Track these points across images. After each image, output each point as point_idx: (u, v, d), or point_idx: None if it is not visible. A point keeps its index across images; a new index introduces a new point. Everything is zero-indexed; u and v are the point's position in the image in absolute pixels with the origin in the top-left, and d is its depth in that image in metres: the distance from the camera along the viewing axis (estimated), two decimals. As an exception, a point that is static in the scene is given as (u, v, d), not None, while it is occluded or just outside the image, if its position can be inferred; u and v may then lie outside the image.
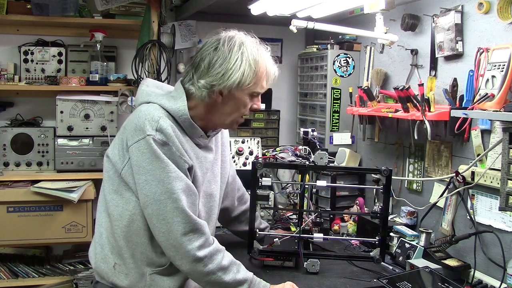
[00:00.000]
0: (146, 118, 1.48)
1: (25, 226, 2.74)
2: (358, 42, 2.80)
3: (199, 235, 1.48)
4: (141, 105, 1.57)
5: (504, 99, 1.64)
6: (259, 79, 1.58)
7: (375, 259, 1.88)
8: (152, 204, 1.46)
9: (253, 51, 1.56)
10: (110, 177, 1.57)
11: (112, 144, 1.61)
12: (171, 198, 1.44)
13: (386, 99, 2.48)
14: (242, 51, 1.53)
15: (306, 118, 3.08)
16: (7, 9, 2.76)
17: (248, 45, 1.56)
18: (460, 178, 1.95)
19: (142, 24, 2.91)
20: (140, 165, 1.46)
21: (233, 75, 1.51)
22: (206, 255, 1.48)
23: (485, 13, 1.88)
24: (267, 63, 1.61)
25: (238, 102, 1.59)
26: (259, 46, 1.60)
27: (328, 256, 1.98)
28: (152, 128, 1.46)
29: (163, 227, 1.46)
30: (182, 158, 1.50)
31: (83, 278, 2.83)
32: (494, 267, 1.81)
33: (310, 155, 1.93)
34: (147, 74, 2.89)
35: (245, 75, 1.52)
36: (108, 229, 1.59)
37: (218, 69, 1.52)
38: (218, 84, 1.52)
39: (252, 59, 1.54)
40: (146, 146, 1.45)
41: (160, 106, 1.53)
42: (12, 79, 2.88)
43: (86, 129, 2.92)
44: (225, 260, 1.53)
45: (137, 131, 1.48)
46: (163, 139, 1.46)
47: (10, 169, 2.87)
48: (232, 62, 1.52)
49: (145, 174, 1.45)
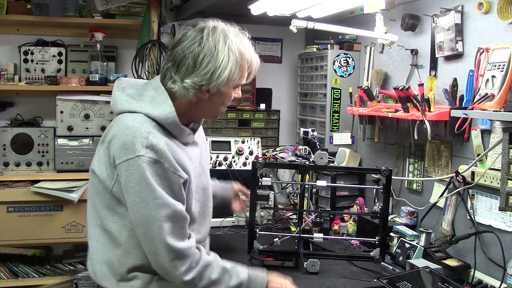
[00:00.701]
0: (135, 135, 1.39)
1: (25, 226, 2.74)
2: (358, 42, 2.80)
3: (183, 260, 1.43)
4: (123, 114, 1.47)
5: (504, 99, 1.64)
6: (244, 71, 1.52)
7: (375, 259, 1.88)
8: (140, 225, 1.42)
9: (237, 43, 1.48)
10: (100, 193, 1.51)
11: (96, 157, 1.51)
12: (155, 224, 1.40)
13: (386, 99, 2.48)
14: (228, 46, 1.45)
15: (306, 118, 3.08)
16: (7, 9, 2.76)
17: (232, 37, 1.47)
18: (460, 178, 1.95)
19: (142, 24, 2.91)
20: (128, 185, 1.40)
21: (222, 73, 1.44)
22: (195, 276, 1.45)
23: (485, 13, 1.88)
24: (251, 54, 1.53)
25: (224, 97, 1.53)
26: (241, 36, 1.51)
27: (328, 256, 1.98)
28: (142, 146, 1.37)
29: (151, 248, 1.43)
30: (176, 173, 1.43)
31: (83, 278, 2.83)
32: (494, 267, 1.81)
33: (310, 155, 1.93)
34: (147, 74, 2.89)
35: (233, 71, 1.46)
36: (106, 245, 1.52)
37: (205, 68, 1.43)
38: (207, 84, 1.45)
39: (238, 52, 1.47)
40: (135, 167, 1.38)
41: (145, 116, 1.44)
42: (12, 79, 2.88)
43: (86, 129, 2.92)
44: (214, 273, 1.49)
45: (125, 149, 1.39)
46: (154, 157, 1.38)
47: (10, 169, 2.87)
48: (220, 59, 1.44)
49: (133, 195, 1.40)
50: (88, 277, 2.83)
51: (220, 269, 1.51)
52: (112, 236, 1.49)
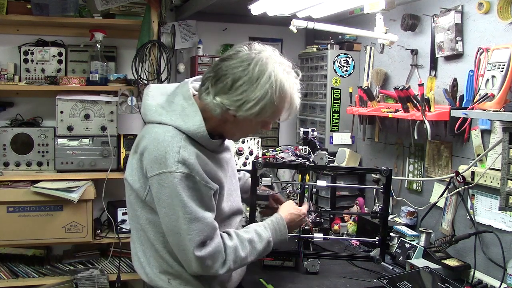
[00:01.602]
0: (167, 150, 1.41)
1: (25, 226, 2.73)
2: (358, 42, 2.80)
3: (214, 260, 1.47)
4: (154, 125, 1.49)
5: (504, 99, 1.64)
6: (279, 112, 1.48)
7: (375, 259, 1.88)
8: (172, 235, 1.46)
9: (282, 82, 1.42)
10: (133, 202, 1.54)
11: (129, 167, 1.54)
12: (186, 237, 1.43)
13: (386, 99, 2.48)
14: (270, 82, 1.40)
15: (306, 118, 3.08)
16: (7, 9, 2.75)
17: (279, 74, 1.42)
18: (460, 178, 1.95)
19: (142, 24, 2.91)
20: (160, 198, 1.43)
21: (253, 107, 1.41)
22: (229, 265, 1.49)
23: (485, 13, 1.88)
24: (293, 95, 1.48)
25: (248, 127, 1.54)
26: (290, 75, 1.47)
27: (328, 256, 1.99)
28: (174, 161, 1.40)
29: (183, 257, 1.47)
30: (207, 186, 1.46)
31: (83, 278, 2.83)
32: (494, 267, 1.81)
33: (310, 155, 1.93)
34: (147, 74, 2.89)
35: (265, 109, 1.42)
36: (152, 248, 1.55)
37: (239, 95, 1.41)
38: (234, 110, 1.43)
39: (278, 92, 1.41)
40: (166, 181, 1.41)
41: (175, 129, 1.45)
42: (12, 79, 2.88)
43: (86, 129, 2.92)
44: (243, 251, 1.53)
45: (158, 164, 1.42)
46: (186, 171, 1.41)
47: (10, 169, 2.87)
48: (256, 92, 1.40)
49: (165, 207, 1.43)
50: (88, 277, 2.83)
51: (246, 243, 1.55)
52: (150, 240, 1.54)
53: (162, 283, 1.54)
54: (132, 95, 2.90)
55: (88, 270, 2.92)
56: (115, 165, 2.93)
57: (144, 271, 1.57)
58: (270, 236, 1.60)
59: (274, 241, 1.61)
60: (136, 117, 3.05)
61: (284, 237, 1.65)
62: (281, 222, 1.66)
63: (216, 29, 3.28)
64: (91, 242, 2.87)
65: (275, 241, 1.62)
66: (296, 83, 1.49)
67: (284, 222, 1.66)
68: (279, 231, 1.64)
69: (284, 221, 1.67)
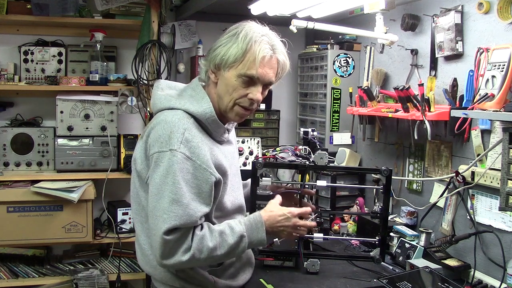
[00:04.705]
0: (172, 130, 1.42)
1: (25, 226, 2.74)
2: (358, 42, 2.80)
3: (177, 245, 1.41)
4: (163, 112, 1.52)
5: (504, 99, 1.64)
6: (247, 59, 1.47)
7: (375, 259, 1.87)
8: (150, 217, 1.43)
9: (255, 34, 1.49)
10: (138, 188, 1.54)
11: (136, 150, 1.56)
12: (162, 217, 1.39)
13: (386, 99, 2.48)
14: (242, 33, 1.48)
15: (306, 118, 3.08)
16: (7, 9, 2.76)
17: (252, 28, 1.50)
18: (460, 178, 1.95)
19: (142, 24, 2.91)
20: (153, 176, 1.42)
21: (218, 50, 1.49)
22: (194, 254, 1.42)
23: (485, 13, 1.88)
24: (267, 45, 1.51)
25: (227, 83, 1.50)
26: (267, 32, 1.54)
27: (328, 256, 1.98)
28: (178, 141, 1.41)
29: (152, 242, 1.44)
30: (208, 171, 1.44)
31: (83, 278, 2.83)
32: (494, 267, 1.81)
33: (310, 155, 1.93)
34: (147, 74, 2.89)
35: (231, 51, 1.47)
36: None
37: (214, 51, 1.51)
38: (209, 62, 1.52)
39: (247, 38, 1.47)
40: (164, 160, 1.40)
41: (184, 112, 1.48)
42: (12, 79, 2.88)
43: (86, 129, 2.92)
44: (211, 241, 1.46)
45: (159, 142, 1.43)
46: (187, 154, 1.41)
47: (10, 169, 2.87)
48: (230, 43, 1.49)
49: (154, 186, 1.42)
50: (88, 277, 2.83)
51: (216, 234, 1.48)
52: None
53: (169, 274, 1.52)
54: (132, 95, 2.90)
55: (88, 270, 2.92)
56: (115, 165, 2.94)
57: (150, 264, 1.55)
58: (244, 230, 1.52)
59: (250, 238, 1.53)
60: (136, 117, 3.06)
61: (261, 235, 1.55)
62: (259, 220, 1.57)
63: (216, 29, 3.27)
64: (91, 242, 2.88)
65: (252, 239, 1.54)
66: (274, 39, 1.56)
67: (262, 220, 1.57)
68: (255, 228, 1.55)
69: (262, 218, 1.58)
